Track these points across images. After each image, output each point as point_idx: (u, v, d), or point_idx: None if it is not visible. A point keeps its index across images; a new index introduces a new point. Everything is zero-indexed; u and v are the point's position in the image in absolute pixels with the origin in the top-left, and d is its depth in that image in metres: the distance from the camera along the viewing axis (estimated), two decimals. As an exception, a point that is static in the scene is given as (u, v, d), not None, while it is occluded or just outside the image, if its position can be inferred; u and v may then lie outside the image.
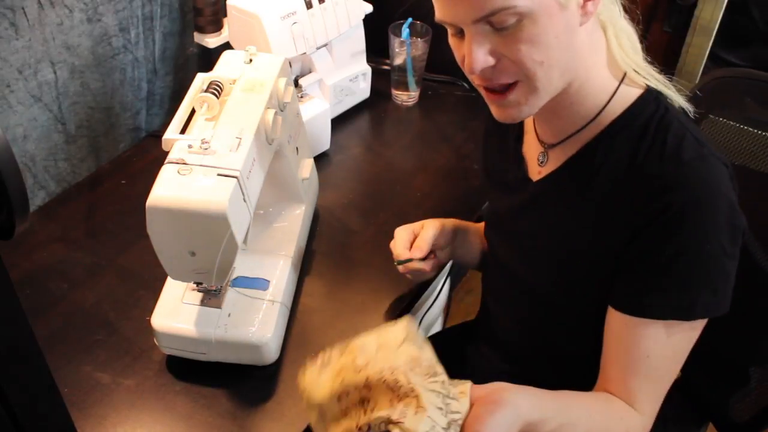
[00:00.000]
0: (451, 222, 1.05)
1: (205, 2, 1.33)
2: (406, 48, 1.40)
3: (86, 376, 0.96)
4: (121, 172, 1.29)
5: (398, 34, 1.41)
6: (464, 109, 1.51)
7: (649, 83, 0.80)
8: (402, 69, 1.44)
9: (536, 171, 0.90)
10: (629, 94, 0.80)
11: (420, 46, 1.41)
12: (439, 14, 0.75)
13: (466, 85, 1.55)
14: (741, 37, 1.87)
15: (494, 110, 0.80)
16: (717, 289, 0.77)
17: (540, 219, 0.89)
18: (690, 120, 0.80)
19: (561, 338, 0.93)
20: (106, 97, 1.27)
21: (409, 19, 1.41)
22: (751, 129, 1.00)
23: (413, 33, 1.42)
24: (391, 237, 1.02)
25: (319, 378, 0.70)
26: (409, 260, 0.98)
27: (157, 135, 1.33)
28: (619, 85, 0.80)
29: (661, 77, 0.81)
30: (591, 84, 0.79)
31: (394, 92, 1.50)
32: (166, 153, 0.84)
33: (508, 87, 0.76)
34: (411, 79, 1.45)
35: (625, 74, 0.80)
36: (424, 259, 0.99)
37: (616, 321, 0.81)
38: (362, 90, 1.46)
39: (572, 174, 0.84)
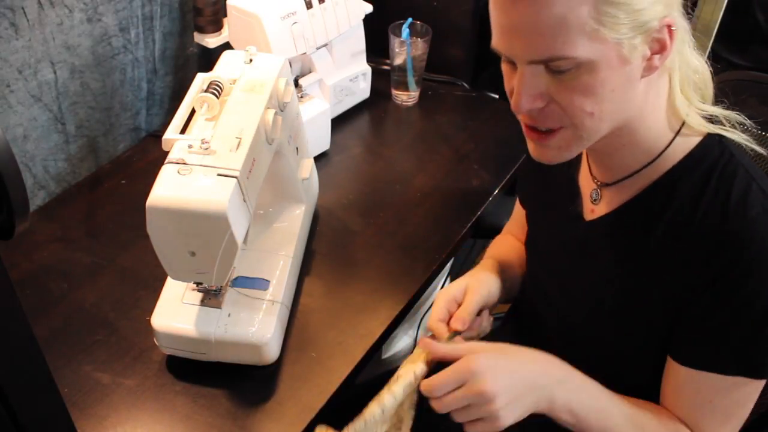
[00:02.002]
0: (495, 279, 0.97)
1: (205, 2, 1.33)
2: (406, 48, 1.40)
3: (86, 376, 0.96)
4: (121, 172, 1.29)
5: (398, 34, 1.41)
6: (464, 109, 1.51)
7: (710, 131, 0.77)
8: (402, 69, 1.44)
9: (589, 209, 0.87)
10: (691, 139, 0.77)
11: (420, 46, 1.41)
12: (495, 43, 0.72)
13: (466, 85, 1.55)
14: (743, 38, 1.87)
15: (532, 148, 0.77)
16: None
17: (588, 261, 0.86)
18: (755, 165, 0.76)
19: (591, 374, 0.91)
20: (106, 97, 1.27)
21: (409, 19, 1.41)
22: (757, 131, 1.00)
23: (413, 33, 1.42)
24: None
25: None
26: (455, 334, 0.87)
27: (157, 135, 1.33)
28: (677, 134, 0.77)
29: (731, 116, 0.77)
30: (646, 129, 0.76)
31: (394, 92, 1.50)
32: (166, 153, 0.84)
33: (552, 131, 0.73)
34: (411, 79, 1.45)
35: (684, 123, 0.77)
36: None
37: (679, 374, 0.79)
38: (362, 90, 1.46)
39: (628, 221, 0.81)
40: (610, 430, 0.78)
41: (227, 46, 1.34)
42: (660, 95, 0.75)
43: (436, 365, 0.79)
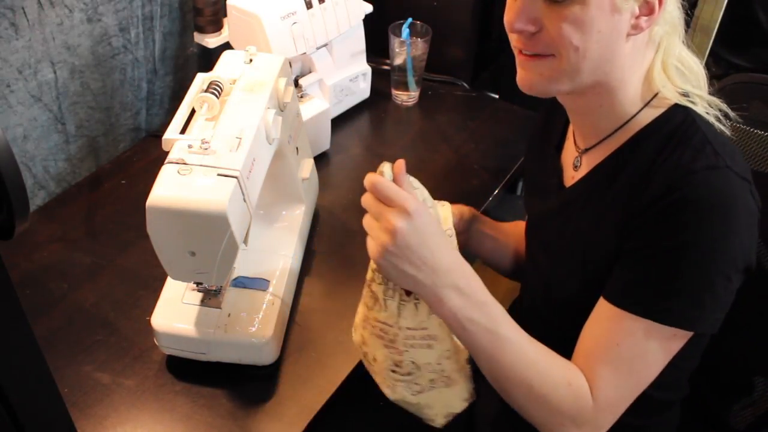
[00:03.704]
0: (469, 211, 1.06)
1: (205, 2, 1.33)
2: (406, 48, 1.40)
3: (86, 376, 0.96)
4: (121, 172, 1.29)
5: (398, 34, 1.41)
6: (464, 109, 1.51)
7: (680, 102, 0.80)
8: (402, 69, 1.44)
9: (570, 177, 0.92)
10: (660, 106, 0.81)
11: (420, 46, 1.41)
12: None
13: (466, 85, 1.55)
14: (744, 38, 1.87)
15: (520, 74, 0.81)
16: (703, 304, 0.75)
17: (567, 223, 0.89)
18: (717, 133, 0.79)
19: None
20: (106, 97, 1.27)
21: (409, 19, 1.41)
22: (759, 131, 1.00)
23: (413, 33, 1.42)
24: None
25: None
26: None
27: (157, 135, 1.33)
28: (649, 101, 0.81)
29: (706, 95, 0.81)
30: (623, 94, 0.81)
31: (394, 92, 1.50)
32: (166, 153, 0.84)
33: (539, 55, 0.78)
34: (411, 79, 1.45)
35: (656, 95, 0.81)
36: None
37: (599, 307, 0.81)
38: (362, 90, 1.46)
39: (598, 180, 0.85)
40: (499, 354, 0.77)
41: (227, 46, 1.34)
42: (641, 67, 0.80)
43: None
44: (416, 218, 0.72)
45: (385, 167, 0.77)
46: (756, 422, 1.02)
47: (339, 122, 1.42)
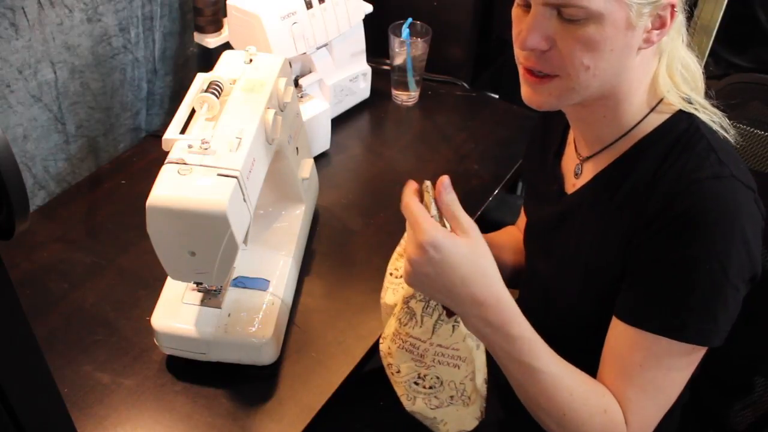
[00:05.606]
0: None
1: (205, 2, 1.33)
2: (406, 48, 1.40)
3: (86, 376, 0.96)
4: (121, 172, 1.29)
5: (398, 34, 1.41)
6: (464, 109, 1.51)
7: (684, 109, 0.80)
8: (402, 69, 1.44)
9: (571, 184, 0.91)
10: (663, 115, 0.81)
11: (420, 46, 1.41)
12: None
13: (466, 85, 1.55)
14: (743, 38, 1.87)
15: (524, 90, 0.80)
16: (715, 317, 0.74)
17: (570, 231, 0.89)
18: (721, 140, 0.79)
19: (585, 357, 0.92)
20: (106, 97, 1.27)
21: (409, 19, 1.41)
22: (759, 131, 1.00)
23: (413, 33, 1.42)
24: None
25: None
26: None
27: (157, 135, 1.33)
28: (655, 107, 0.81)
29: (708, 105, 0.80)
30: (628, 104, 0.80)
31: (394, 92, 1.50)
32: (166, 153, 0.84)
33: (548, 76, 0.77)
34: (411, 79, 1.45)
35: (661, 100, 0.81)
36: None
37: (615, 328, 0.80)
38: (362, 90, 1.46)
39: (600, 187, 0.85)
40: (529, 382, 0.77)
41: (227, 46, 1.34)
42: (647, 75, 0.80)
43: None
44: (432, 252, 0.71)
45: (428, 184, 0.78)
46: (756, 422, 1.02)
47: (339, 122, 1.42)
